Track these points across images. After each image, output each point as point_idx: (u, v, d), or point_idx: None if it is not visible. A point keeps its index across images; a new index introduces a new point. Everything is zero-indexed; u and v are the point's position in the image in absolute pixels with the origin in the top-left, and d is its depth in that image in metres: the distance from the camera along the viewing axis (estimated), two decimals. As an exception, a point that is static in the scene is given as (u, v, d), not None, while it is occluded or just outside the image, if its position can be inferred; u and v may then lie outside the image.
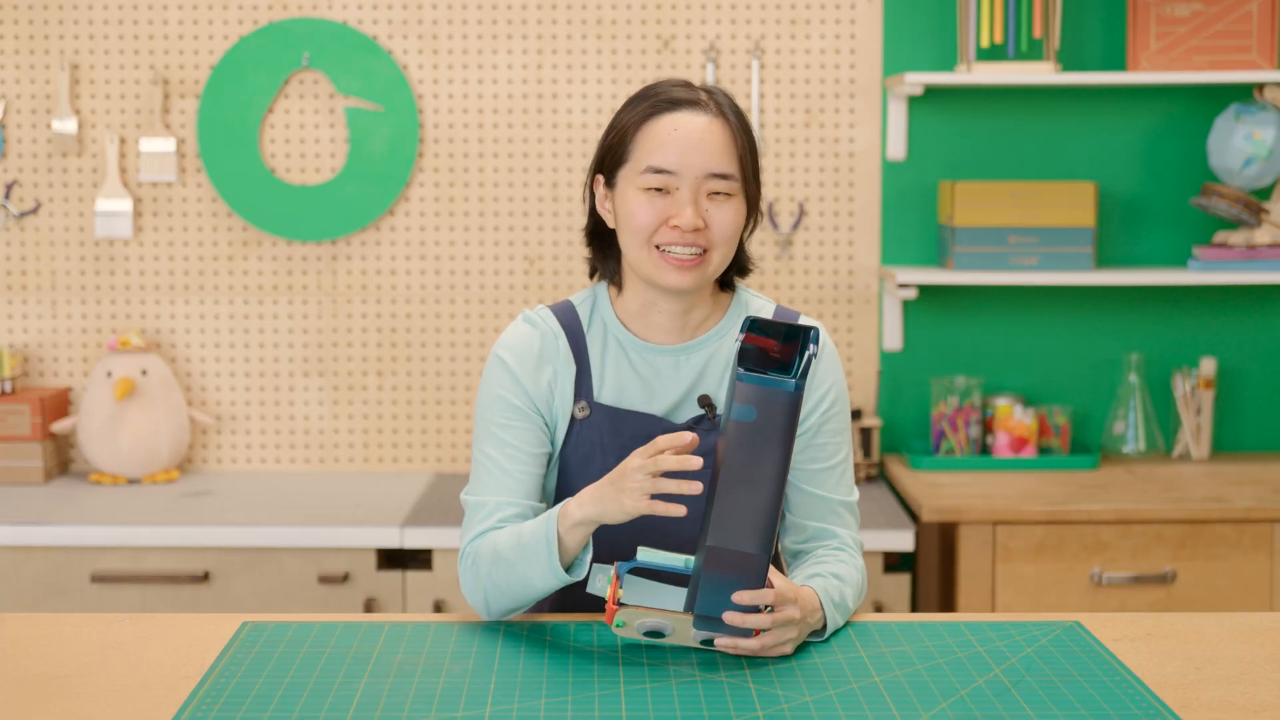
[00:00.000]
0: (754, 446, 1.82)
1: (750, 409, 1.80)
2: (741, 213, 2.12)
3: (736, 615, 1.91)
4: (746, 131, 2.13)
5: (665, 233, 2.08)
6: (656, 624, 1.94)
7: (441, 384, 3.83)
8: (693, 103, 2.11)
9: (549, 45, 3.76)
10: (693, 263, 2.09)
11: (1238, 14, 3.61)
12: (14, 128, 3.78)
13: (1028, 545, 3.29)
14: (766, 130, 3.77)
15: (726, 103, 2.14)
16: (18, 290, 3.81)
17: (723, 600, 1.90)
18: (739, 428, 1.81)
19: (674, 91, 2.13)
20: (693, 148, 2.08)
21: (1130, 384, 3.76)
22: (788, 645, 1.96)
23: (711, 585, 1.90)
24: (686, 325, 2.17)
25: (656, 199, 2.09)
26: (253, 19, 3.75)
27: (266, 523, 3.34)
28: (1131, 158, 3.80)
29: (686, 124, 2.09)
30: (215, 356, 3.82)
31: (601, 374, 2.16)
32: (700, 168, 2.08)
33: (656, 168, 2.08)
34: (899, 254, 3.81)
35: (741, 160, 2.11)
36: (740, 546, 1.87)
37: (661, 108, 2.11)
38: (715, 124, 2.10)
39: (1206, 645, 2.02)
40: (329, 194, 3.76)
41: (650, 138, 2.10)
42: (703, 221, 2.08)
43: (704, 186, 2.09)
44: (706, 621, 1.92)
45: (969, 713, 1.78)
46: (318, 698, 1.82)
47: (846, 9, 3.74)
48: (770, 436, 1.81)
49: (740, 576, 1.89)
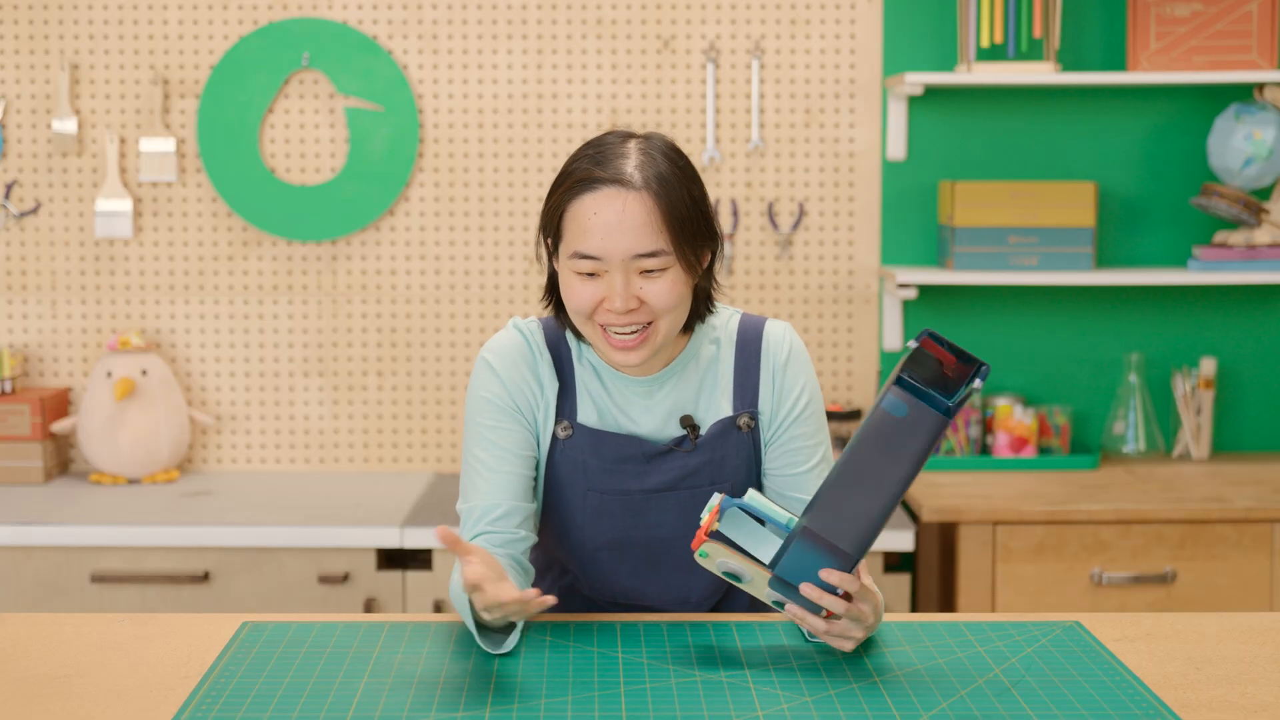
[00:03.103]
0: (887, 448, 1.82)
1: (902, 405, 1.81)
2: (679, 280, 2.05)
3: (814, 590, 1.90)
4: (674, 197, 2.03)
5: (603, 313, 2.05)
6: (737, 568, 1.94)
7: (441, 384, 3.83)
8: (612, 180, 2.02)
9: (549, 45, 3.76)
10: (636, 341, 2.05)
11: (1238, 14, 3.61)
12: (14, 128, 3.78)
13: (1028, 545, 3.29)
14: (766, 130, 3.77)
15: (656, 168, 2.03)
16: (18, 290, 3.81)
17: (805, 571, 1.90)
18: (883, 419, 1.81)
19: (594, 168, 2.03)
20: (613, 232, 2.01)
21: (1130, 384, 3.76)
22: (849, 642, 1.95)
23: (800, 554, 1.90)
24: (655, 363, 2.14)
25: (589, 282, 2.04)
26: (253, 19, 3.75)
27: (266, 523, 3.34)
28: (1131, 158, 3.80)
29: (605, 208, 2.01)
30: (215, 356, 3.82)
31: (583, 394, 2.16)
32: (625, 251, 2.01)
33: (582, 253, 2.03)
34: (899, 254, 3.81)
35: (670, 232, 2.02)
36: (834, 539, 1.88)
37: (583, 187, 2.03)
38: (634, 201, 2.01)
39: (1206, 645, 2.02)
40: (329, 194, 3.76)
41: (574, 221, 2.04)
42: (636, 301, 2.03)
43: (633, 266, 2.02)
44: (783, 585, 1.92)
45: (969, 713, 1.78)
46: (318, 698, 1.82)
47: (846, 9, 3.74)
48: (906, 445, 1.81)
49: (829, 558, 1.89)
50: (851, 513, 1.86)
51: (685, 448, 2.14)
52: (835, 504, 1.87)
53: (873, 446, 1.83)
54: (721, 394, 2.17)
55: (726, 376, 2.17)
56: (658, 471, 2.14)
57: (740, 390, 2.16)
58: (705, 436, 2.14)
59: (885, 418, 1.81)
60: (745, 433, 2.16)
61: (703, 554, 1.94)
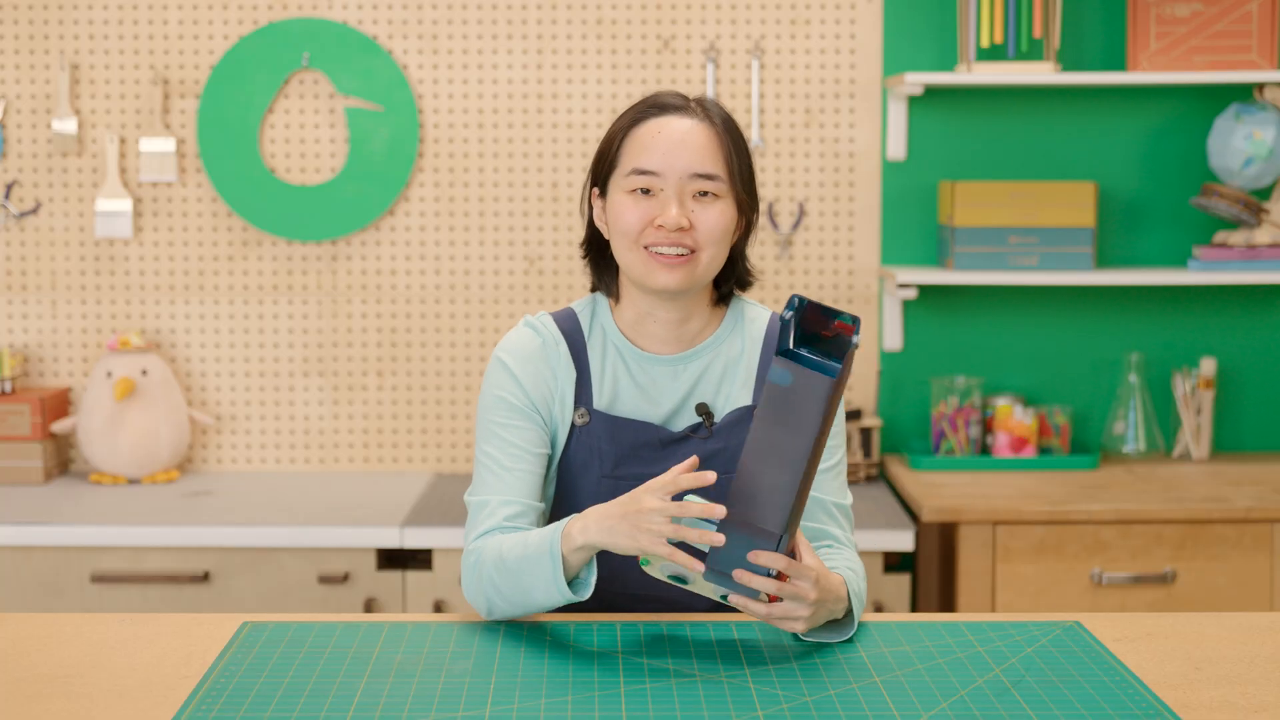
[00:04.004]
0: (782, 420, 1.82)
1: (786, 374, 1.81)
2: (728, 214, 2.12)
3: (745, 574, 1.91)
4: (736, 137, 2.15)
5: (651, 233, 2.10)
6: (678, 570, 1.94)
7: (441, 384, 3.83)
8: (679, 108, 2.14)
9: (549, 45, 3.76)
10: (680, 261, 2.10)
11: (1238, 14, 3.61)
12: (14, 128, 3.78)
13: (1028, 545, 3.29)
14: (766, 130, 3.77)
15: (716, 110, 2.16)
16: (18, 290, 3.81)
17: (737, 559, 1.90)
18: (771, 392, 1.82)
19: (663, 98, 2.15)
20: (675, 148, 2.10)
21: (1130, 384, 3.76)
22: (799, 622, 1.95)
23: (728, 542, 1.90)
24: (683, 336, 2.19)
25: (643, 200, 2.11)
26: (253, 19, 3.75)
27: (266, 523, 3.34)
28: (1131, 158, 3.80)
29: (670, 126, 2.11)
30: (215, 356, 3.82)
31: (601, 381, 2.18)
32: (683, 168, 2.10)
33: (641, 169, 2.10)
34: (899, 254, 3.81)
35: (728, 162, 2.12)
36: (757, 521, 1.88)
37: (648, 113, 2.14)
38: (699, 127, 2.12)
39: (1206, 645, 2.02)
40: (329, 194, 3.76)
41: (635, 142, 2.12)
42: (687, 221, 2.09)
43: (688, 187, 2.10)
44: (718, 576, 1.92)
45: (969, 713, 1.78)
46: (318, 698, 1.82)
47: (846, 9, 3.74)
48: (800, 414, 1.81)
49: (757, 541, 1.89)
50: (767, 491, 1.86)
51: (701, 434, 2.16)
52: (749, 486, 1.87)
53: (768, 421, 1.84)
54: (742, 386, 2.19)
55: (750, 370, 2.20)
56: (673, 458, 2.15)
57: (761, 383, 2.17)
58: (721, 424, 2.16)
59: (773, 389, 1.83)
60: None
61: (644, 562, 1.96)
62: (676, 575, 1.96)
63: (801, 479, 1.85)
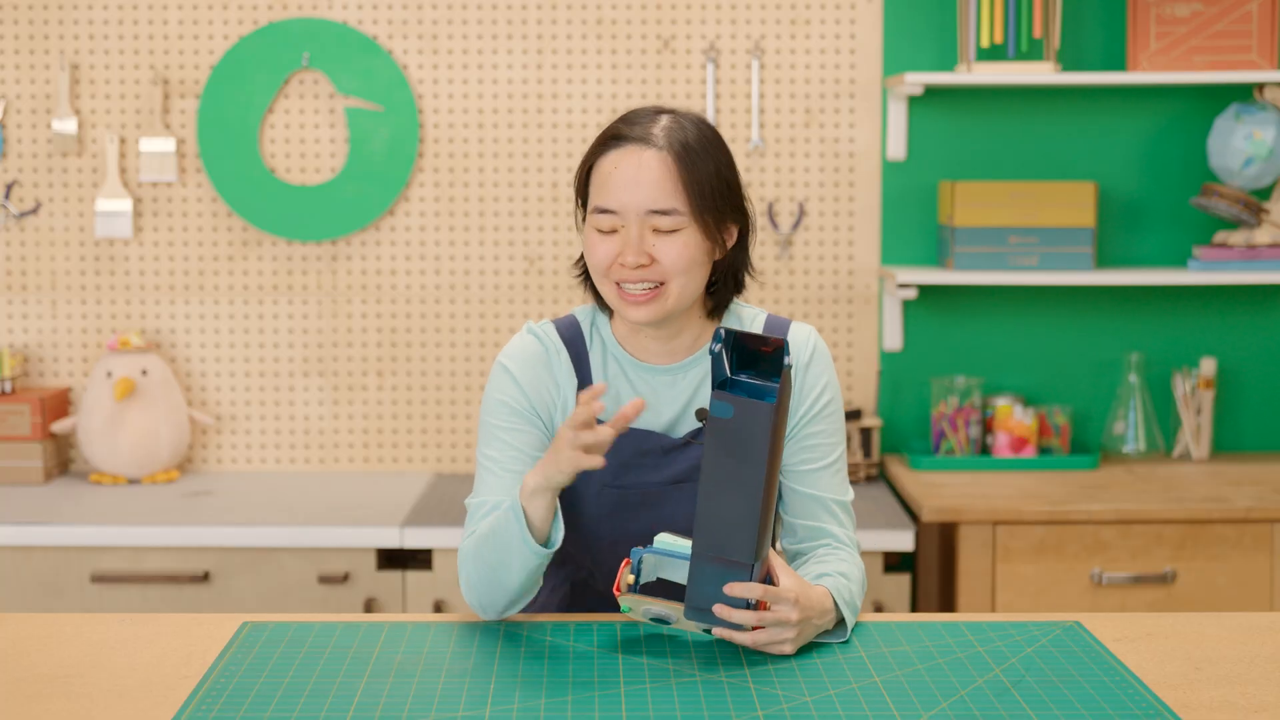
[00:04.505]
0: (731, 451, 1.84)
1: (727, 407, 1.83)
2: (692, 244, 2.08)
3: (724, 609, 1.92)
4: (697, 161, 2.07)
5: (618, 269, 2.09)
6: (660, 611, 1.96)
7: (441, 384, 3.83)
8: (637, 139, 2.08)
9: (549, 45, 3.76)
10: (647, 296, 2.09)
11: (1238, 14, 3.61)
12: (14, 128, 3.78)
13: (1028, 545, 3.29)
14: (766, 130, 3.77)
15: (685, 135, 2.08)
16: (18, 290, 3.81)
17: (714, 594, 1.92)
18: (715, 426, 1.84)
19: (624, 127, 2.10)
20: (629, 186, 2.06)
21: (1130, 384, 3.76)
22: (786, 645, 1.96)
23: (702, 578, 1.91)
24: (676, 349, 2.19)
25: (607, 238, 2.09)
26: (253, 19, 3.75)
27: (266, 523, 3.34)
28: (1131, 158, 3.80)
29: (625, 162, 2.07)
30: (215, 356, 3.82)
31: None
32: (639, 205, 2.06)
33: (601, 208, 2.09)
34: (899, 254, 3.81)
35: (687, 192, 2.06)
36: (724, 552, 1.89)
37: (607, 145, 2.10)
38: (655, 160, 2.06)
39: (1206, 645, 2.02)
40: (329, 194, 3.76)
41: (598, 177, 2.10)
42: (648, 258, 2.07)
43: (647, 222, 2.07)
44: (698, 612, 1.93)
45: (969, 713, 1.78)
46: (318, 698, 1.82)
47: (846, 9, 3.74)
48: (748, 443, 1.83)
49: (730, 573, 1.90)
50: (730, 523, 1.87)
51: (701, 440, 2.15)
52: (712, 520, 1.88)
53: (717, 453, 1.85)
54: None
55: None
56: (673, 464, 2.16)
57: None
58: None
59: (716, 423, 1.84)
60: None
61: (625, 608, 1.97)
62: (659, 618, 1.98)
63: (762, 506, 1.86)
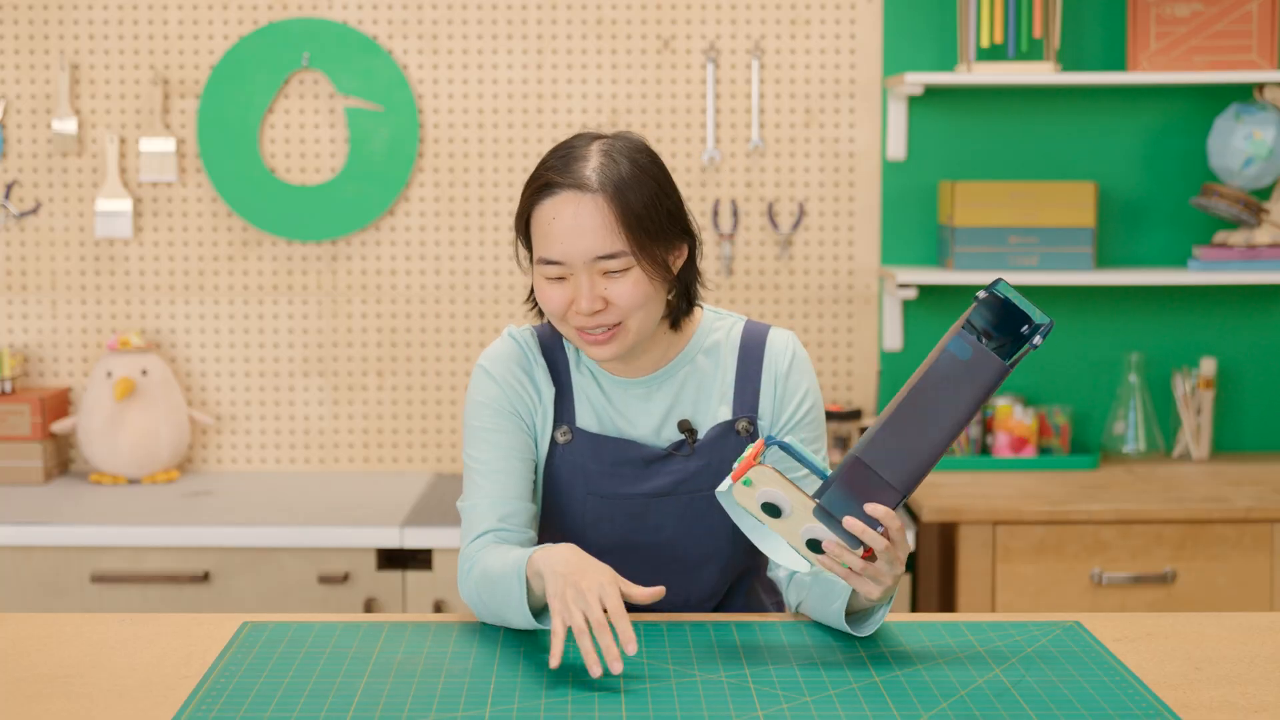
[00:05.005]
0: (947, 389, 1.84)
1: (967, 348, 1.84)
2: (643, 280, 2.06)
3: (857, 524, 1.87)
4: (634, 194, 2.04)
5: (573, 315, 2.07)
6: (779, 498, 1.90)
7: (441, 384, 3.82)
8: (569, 184, 2.04)
9: (549, 45, 3.76)
10: (608, 336, 2.08)
11: (1238, 14, 3.61)
12: (14, 128, 3.78)
13: (1028, 545, 3.29)
14: (766, 130, 3.77)
15: (616, 169, 2.04)
16: (18, 290, 3.81)
17: (850, 506, 1.88)
18: (947, 360, 1.84)
19: (553, 173, 2.05)
20: (570, 236, 2.03)
21: (1130, 384, 3.76)
22: (878, 587, 1.91)
23: (847, 487, 1.89)
24: (644, 365, 2.17)
25: (558, 285, 2.07)
26: (253, 19, 3.75)
27: (266, 523, 3.34)
28: (1131, 158, 3.80)
29: (562, 212, 2.04)
30: (215, 356, 3.82)
31: (581, 400, 2.18)
32: (584, 253, 2.04)
33: (546, 259, 2.06)
34: (899, 254, 3.81)
35: (629, 230, 2.03)
36: (884, 473, 1.87)
37: (541, 194, 2.06)
38: (588, 205, 2.03)
39: (1206, 645, 2.02)
40: (329, 194, 3.76)
41: (538, 227, 2.07)
42: (602, 302, 2.05)
43: (595, 267, 2.05)
44: (826, 516, 1.89)
45: (969, 713, 1.78)
46: (318, 698, 1.82)
47: (846, 9, 3.74)
48: (964, 388, 1.84)
49: (876, 493, 1.88)
50: (904, 450, 1.86)
51: (684, 452, 2.16)
52: (888, 440, 1.87)
53: (933, 385, 1.85)
54: (720, 399, 2.18)
55: (727, 382, 2.18)
56: (657, 476, 2.15)
57: (740, 396, 2.17)
58: (704, 440, 2.16)
59: (949, 358, 1.84)
60: (744, 437, 2.17)
61: (746, 481, 1.89)
62: (770, 504, 1.91)
63: (939, 448, 1.86)
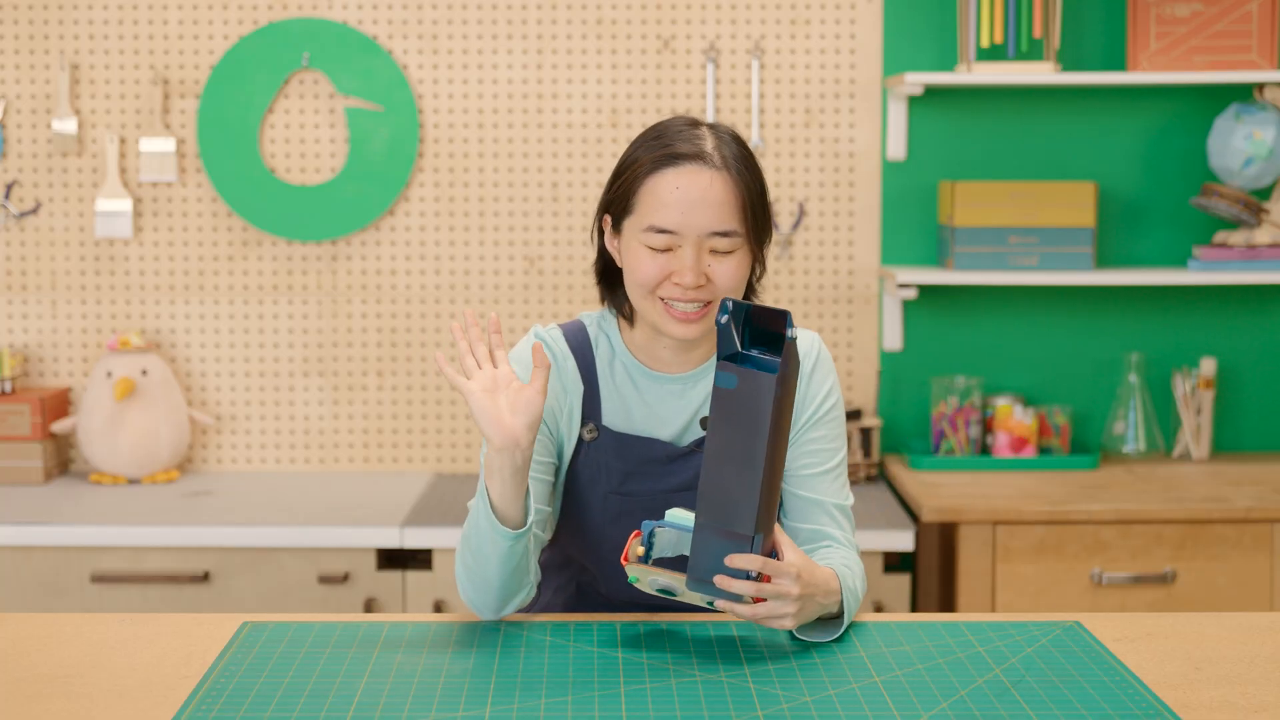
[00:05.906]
0: (735, 421, 1.84)
1: (731, 377, 1.84)
2: (745, 264, 2.11)
3: (725, 579, 1.91)
4: (751, 178, 2.09)
5: (668, 287, 2.08)
6: (665, 583, 1.97)
7: (442, 384, 3.82)
8: (697, 157, 2.07)
9: (549, 45, 3.76)
10: (696, 315, 2.09)
11: (1238, 14, 3.61)
12: (14, 128, 3.78)
13: (1028, 545, 3.29)
14: (766, 130, 3.77)
15: (732, 151, 2.09)
16: (18, 290, 3.81)
17: (716, 565, 1.92)
18: (719, 396, 1.85)
19: (679, 143, 2.08)
20: (694, 207, 2.05)
21: (1130, 384, 3.76)
22: (787, 619, 1.95)
23: (705, 549, 1.91)
24: (691, 358, 2.19)
25: (660, 255, 2.08)
26: (253, 19, 3.75)
27: (266, 523, 3.34)
28: (1131, 158, 3.80)
29: (688, 183, 2.06)
30: (215, 356, 3.82)
31: (609, 398, 2.18)
32: (702, 227, 2.06)
33: (659, 227, 2.07)
34: (899, 254, 3.81)
35: (744, 213, 2.08)
36: (727, 524, 1.89)
37: (666, 162, 2.07)
38: (718, 180, 2.07)
39: (1206, 645, 2.02)
40: (329, 194, 3.76)
41: (653, 195, 2.07)
42: (705, 278, 2.07)
43: (706, 244, 2.07)
44: (700, 583, 1.93)
45: (969, 713, 1.78)
46: (318, 698, 1.82)
47: (846, 9, 3.74)
48: (752, 414, 1.83)
49: (732, 545, 1.90)
50: (733, 494, 1.88)
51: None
52: (714, 494, 1.89)
53: (721, 424, 1.86)
54: None
55: None
56: (679, 472, 2.17)
57: None
58: None
59: (720, 394, 1.85)
60: None
61: (632, 579, 1.99)
62: (664, 589, 1.98)
63: (764, 478, 1.86)
